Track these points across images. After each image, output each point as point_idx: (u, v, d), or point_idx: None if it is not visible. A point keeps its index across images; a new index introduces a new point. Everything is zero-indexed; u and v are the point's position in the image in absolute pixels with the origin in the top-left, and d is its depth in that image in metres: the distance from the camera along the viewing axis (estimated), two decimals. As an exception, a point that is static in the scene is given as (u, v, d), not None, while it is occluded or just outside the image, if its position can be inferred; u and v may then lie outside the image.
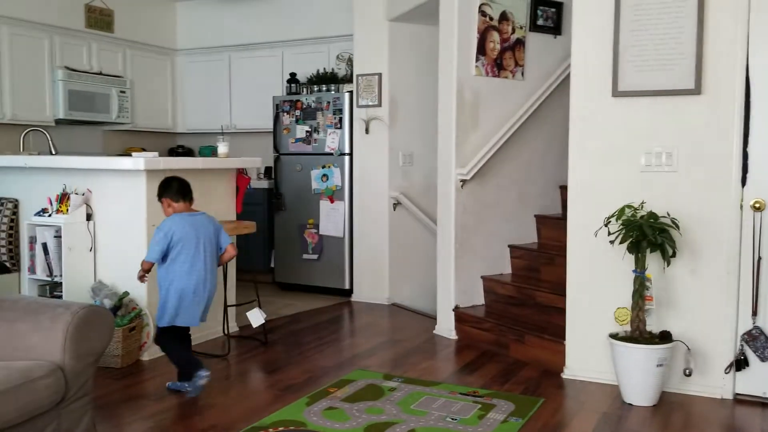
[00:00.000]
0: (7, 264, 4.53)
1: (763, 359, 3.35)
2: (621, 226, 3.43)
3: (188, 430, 3.03)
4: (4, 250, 4.54)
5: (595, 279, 3.73)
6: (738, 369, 3.41)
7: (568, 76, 3.93)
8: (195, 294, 3.45)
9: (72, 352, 2.39)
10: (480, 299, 4.73)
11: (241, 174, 4.81)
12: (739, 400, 3.45)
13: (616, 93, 3.63)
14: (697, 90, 3.44)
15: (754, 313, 3.38)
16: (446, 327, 4.66)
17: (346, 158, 5.83)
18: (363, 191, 5.79)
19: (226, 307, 4.45)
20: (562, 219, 4.33)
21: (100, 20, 6.43)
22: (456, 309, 4.61)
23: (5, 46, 5.60)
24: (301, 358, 4.13)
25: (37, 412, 2.27)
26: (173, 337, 3.52)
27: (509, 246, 4.82)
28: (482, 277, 4.73)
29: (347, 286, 5.87)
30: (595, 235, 3.60)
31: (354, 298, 5.83)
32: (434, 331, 4.74)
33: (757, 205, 3.35)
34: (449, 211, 4.63)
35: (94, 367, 2.51)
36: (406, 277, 5.72)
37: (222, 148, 4.68)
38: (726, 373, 3.45)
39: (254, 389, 3.65)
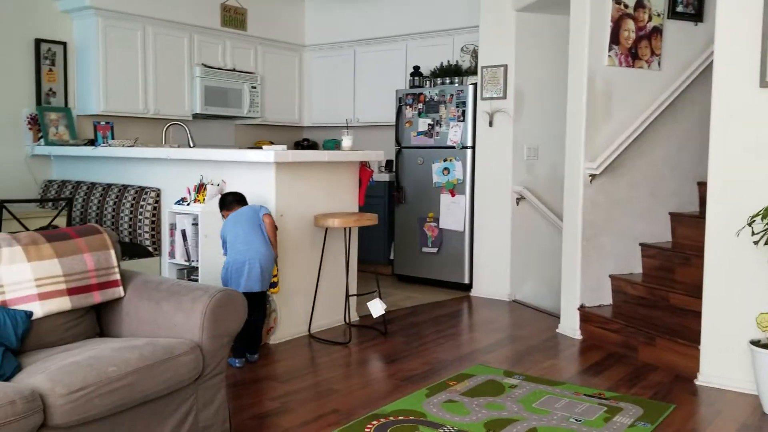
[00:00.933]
0: (150, 249, 4.88)
1: None
2: (767, 226, 3.18)
3: (312, 412, 3.13)
4: (147, 235, 4.89)
5: (736, 281, 3.49)
6: None
7: (709, 66, 3.71)
8: (243, 264, 3.79)
9: (209, 331, 2.54)
10: (607, 299, 4.56)
11: (364, 167, 4.90)
12: None
13: (765, 83, 3.37)
14: None
15: None
16: (570, 326, 4.53)
17: (468, 151, 5.80)
18: (485, 185, 5.73)
19: (347, 296, 4.56)
20: (699, 217, 4.09)
21: (234, 19, 6.75)
22: (581, 308, 4.47)
23: (150, 44, 6.01)
24: (421, 350, 4.16)
25: (179, 386, 2.43)
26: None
27: (641, 244, 4.60)
28: (610, 276, 4.55)
29: (466, 281, 5.85)
30: (737, 234, 3.37)
31: (473, 293, 5.79)
32: (557, 330, 4.62)
33: None
34: (576, 207, 4.49)
35: (227, 347, 2.65)
36: (528, 273, 5.61)
37: (346, 141, 4.79)
38: None
39: (374, 377, 3.71)
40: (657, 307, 4.16)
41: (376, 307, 4.39)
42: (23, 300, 2.46)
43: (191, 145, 5.25)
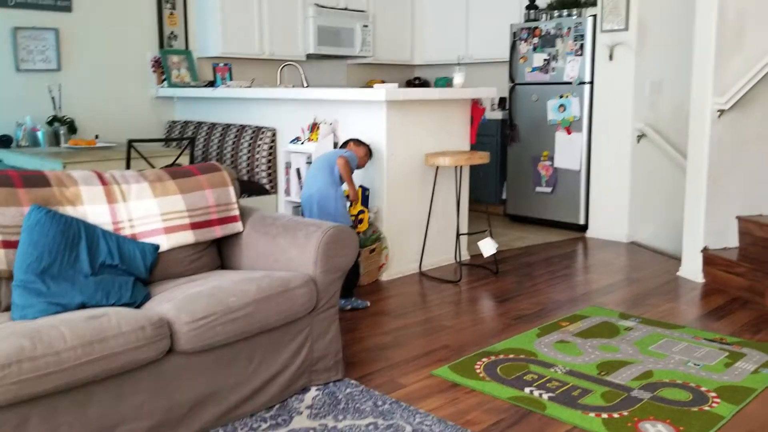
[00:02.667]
0: (267, 186, 5.08)
1: None
2: None
3: (423, 347, 3.21)
4: (264, 174, 5.09)
5: None
6: None
7: None
8: (305, 202, 3.91)
9: (323, 266, 2.64)
10: (733, 241, 4.30)
11: (476, 104, 4.81)
12: None
13: None
14: None
15: None
16: (692, 269, 4.32)
17: (586, 87, 5.55)
18: (603, 122, 5.48)
19: (458, 235, 4.57)
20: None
21: (345, -43, 6.71)
22: (704, 250, 4.25)
23: (265, -13, 6.10)
24: (533, 290, 4.13)
25: (294, 317, 2.56)
26: None
27: (773, 184, 4.28)
28: (738, 217, 4.28)
29: (582, 222, 5.69)
30: None
31: (589, 234, 5.64)
32: (678, 273, 4.43)
33: None
34: (702, 145, 4.21)
35: (340, 281, 2.74)
36: (647, 214, 5.37)
37: (457, 78, 4.71)
38: None
39: (485, 316, 3.73)
40: (790, 251, 3.89)
41: (488, 246, 4.38)
42: (151, 234, 2.64)
43: (305, 85, 5.35)
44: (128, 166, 4.12)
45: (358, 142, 4.15)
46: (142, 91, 5.86)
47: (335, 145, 4.48)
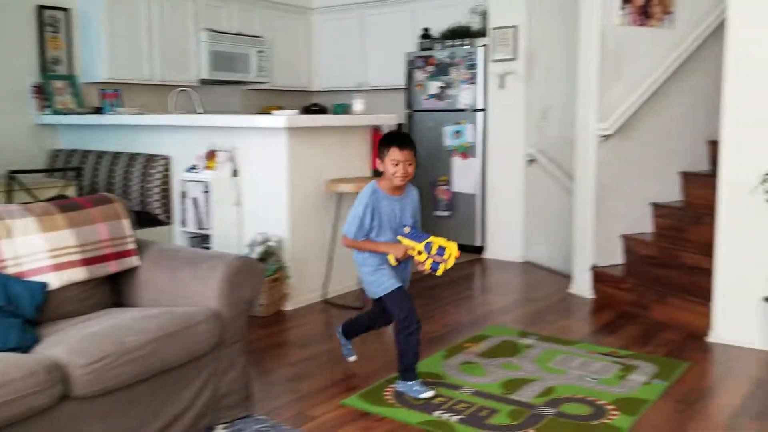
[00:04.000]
0: (161, 217, 4.90)
1: None
2: (783, 184, 3.16)
3: (331, 377, 3.17)
4: (157, 204, 4.91)
5: (748, 239, 3.48)
6: None
7: (721, 24, 3.63)
8: None
9: (227, 299, 2.56)
10: (619, 259, 4.56)
11: (376, 131, 4.87)
12: None
13: (782, 37, 3.31)
14: None
15: None
16: (582, 286, 4.54)
17: (480, 114, 5.75)
18: (497, 148, 5.70)
19: (361, 261, 4.57)
20: (710, 176, 4.05)
21: (238, -17, 6.66)
22: (593, 268, 4.48)
23: (154, 9, 5.91)
24: (437, 313, 4.19)
25: (199, 354, 2.47)
26: None
27: (652, 204, 4.58)
28: (622, 236, 4.54)
29: (479, 243, 5.86)
30: (750, 193, 3.35)
31: (486, 255, 5.81)
32: (570, 290, 4.64)
33: None
34: (588, 168, 4.46)
35: (246, 314, 2.67)
36: (540, 234, 5.61)
37: (358, 105, 4.75)
38: None
39: (392, 341, 3.73)
40: (668, 266, 4.16)
41: (389, 271, 4.40)
42: (38, 271, 2.48)
43: (199, 111, 5.23)
44: (10, 200, 3.85)
45: (395, 142, 2.87)
46: (22, 118, 5.51)
47: (234, 173, 4.39)
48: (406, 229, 2.94)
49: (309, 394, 2.97)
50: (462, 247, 5.79)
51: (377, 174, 2.91)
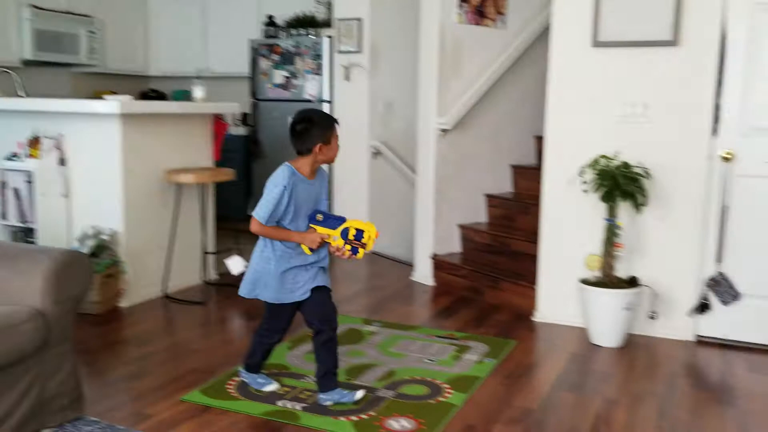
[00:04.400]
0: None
1: (725, 303, 3.48)
2: (595, 176, 3.49)
3: (170, 373, 3.08)
4: (-23, 195, 4.48)
5: (568, 227, 3.81)
6: (701, 312, 3.55)
7: (549, 26, 3.93)
8: None
9: (52, 296, 2.40)
10: (457, 247, 4.81)
11: (218, 120, 4.76)
12: (701, 342, 3.61)
13: (596, 43, 3.64)
14: (674, 41, 3.47)
15: (718, 260, 3.51)
16: (424, 274, 4.74)
17: (326, 105, 5.80)
18: (343, 139, 5.68)
19: (204, 254, 4.47)
20: (537, 169, 4.38)
21: (68, -43, 6.20)
22: (433, 257, 4.69)
23: (-30, -16, 5.40)
24: (280, 304, 4.18)
25: (21, 356, 2.30)
26: None
27: (486, 195, 4.88)
28: (459, 225, 4.80)
29: (325, 234, 5.91)
30: (569, 184, 3.67)
31: (332, 245, 5.88)
32: (412, 278, 4.83)
33: (728, 156, 3.43)
34: (429, 161, 4.66)
35: (74, 312, 2.53)
36: (384, 225, 5.71)
37: (198, 92, 4.62)
38: (689, 316, 3.59)
39: (236, 335, 3.71)
40: (500, 252, 4.46)
41: (236, 264, 4.34)
42: None
43: (21, 94, 4.82)
44: None
45: (302, 134, 2.70)
46: None
47: (62, 161, 4.10)
48: (319, 217, 2.70)
49: (146, 393, 2.86)
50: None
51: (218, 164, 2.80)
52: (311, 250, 2.70)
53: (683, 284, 3.59)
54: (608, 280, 3.52)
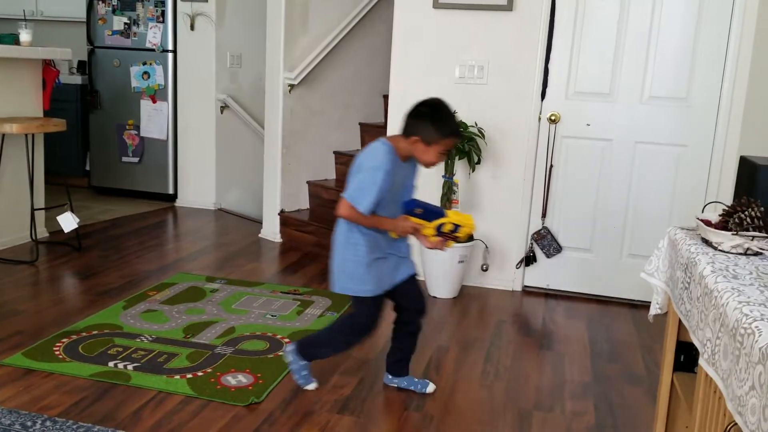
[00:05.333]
0: None
1: (548, 256, 3.78)
2: (435, 135, 3.61)
3: (-10, 338, 2.89)
4: None
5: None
6: (527, 264, 3.84)
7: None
8: None
9: None
10: (305, 204, 4.83)
11: (48, 66, 4.41)
12: (527, 291, 3.90)
13: (437, 4, 3.74)
14: (509, 6, 3.64)
15: (544, 215, 3.79)
16: (271, 230, 4.73)
17: (170, 56, 5.53)
18: (188, 92, 5.55)
19: (33, 211, 4.17)
20: (384, 127, 4.46)
21: None
22: (281, 213, 4.68)
23: None
24: (120, 264, 4.02)
25: None
26: None
27: (334, 152, 4.91)
28: (308, 182, 4.81)
29: (171, 191, 5.71)
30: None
31: (178, 203, 5.70)
32: (260, 235, 4.80)
33: (553, 118, 3.69)
34: (276, 116, 4.60)
35: None
36: (233, 181, 5.66)
37: (24, 35, 4.26)
38: (517, 268, 3.86)
39: (66, 295, 3.52)
40: (348, 209, 4.53)
41: (67, 221, 4.10)
42: None
43: None
44: None
45: (415, 116, 2.32)
46: None
47: None
48: (418, 211, 2.38)
49: (-39, 358, 2.67)
50: (153, 195, 5.70)
51: (47, 114, 2.36)
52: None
53: (513, 238, 3.85)
54: (445, 235, 3.70)
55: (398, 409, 2.49)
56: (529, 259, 3.82)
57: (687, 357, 1.93)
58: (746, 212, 1.59)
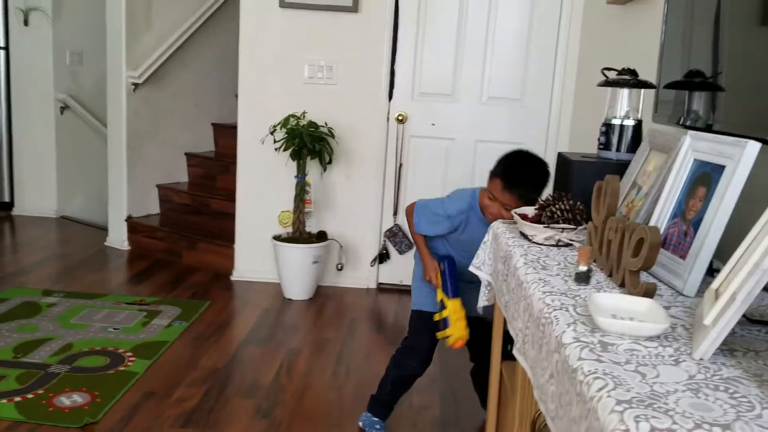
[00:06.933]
0: None
1: (400, 252, 3.86)
2: (285, 135, 3.58)
3: None
4: None
5: (263, 185, 3.88)
6: (381, 262, 3.90)
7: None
8: None
9: None
10: (155, 208, 4.63)
11: None
12: (382, 288, 3.96)
13: (283, 4, 3.70)
14: (354, 8, 3.67)
15: (395, 213, 3.86)
16: (118, 238, 4.49)
17: (1, 53, 5.10)
18: (24, 92, 5.15)
19: None
20: (236, 127, 4.37)
21: None
22: (129, 219, 4.45)
23: None
24: (-59, 280, 3.66)
25: None
26: None
27: (186, 154, 4.74)
28: (157, 185, 4.61)
29: (6, 199, 5.27)
30: (261, 142, 3.72)
31: (15, 211, 5.27)
32: (105, 243, 4.54)
33: (400, 118, 3.76)
34: (120, 116, 4.37)
35: None
36: (76, 187, 5.31)
37: None
38: (371, 266, 3.91)
39: None
40: (200, 213, 4.40)
41: None
42: None
43: None
44: None
45: (506, 176, 2.08)
46: None
47: None
48: (441, 266, 2.20)
49: None
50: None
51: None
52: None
53: (366, 237, 3.89)
54: (299, 236, 3.67)
55: (246, 418, 2.44)
56: (382, 257, 3.88)
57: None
58: (557, 205, 1.68)
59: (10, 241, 4.72)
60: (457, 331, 2.13)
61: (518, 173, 2.07)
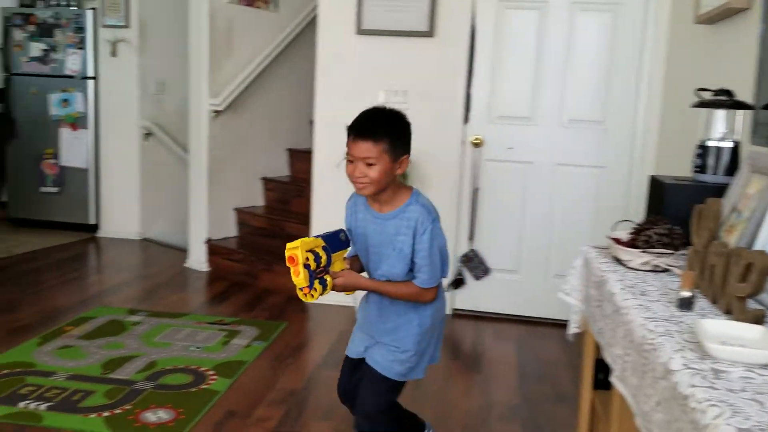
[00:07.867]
0: None
1: (476, 278, 3.81)
2: (360, 159, 3.61)
3: None
4: None
5: (337, 208, 3.89)
6: (456, 287, 3.86)
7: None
8: None
9: None
10: (233, 231, 4.74)
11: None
12: (458, 314, 3.91)
13: (360, 31, 3.76)
14: (430, 33, 3.70)
15: (471, 238, 3.82)
16: (198, 259, 4.61)
17: (90, 82, 5.38)
18: (111, 119, 5.40)
19: (-60, 245, 3.95)
20: (312, 152, 4.45)
21: None
22: (208, 241, 4.57)
23: None
24: (36, 298, 3.84)
25: None
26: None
27: (262, 179, 4.85)
28: (235, 209, 4.73)
29: (93, 221, 5.51)
30: (336, 166, 3.77)
31: (101, 233, 5.50)
32: (185, 265, 4.67)
33: (477, 142, 3.75)
34: (201, 143, 4.52)
35: None
36: (158, 210, 5.51)
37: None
38: (446, 291, 3.87)
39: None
40: (276, 236, 4.47)
41: (-22, 255, 3.90)
42: None
43: None
44: None
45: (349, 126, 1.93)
46: None
47: None
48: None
49: None
50: (74, 226, 5.49)
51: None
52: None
53: (441, 261, 3.86)
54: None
55: (325, 439, 2.44)
56: (458, 282, 3.85)
57: (607, 375, 1.96)
58: (653, 230, 1.63)
59: (96, 262, 4.91)
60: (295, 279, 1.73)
61: (365, 120, 1.85)
